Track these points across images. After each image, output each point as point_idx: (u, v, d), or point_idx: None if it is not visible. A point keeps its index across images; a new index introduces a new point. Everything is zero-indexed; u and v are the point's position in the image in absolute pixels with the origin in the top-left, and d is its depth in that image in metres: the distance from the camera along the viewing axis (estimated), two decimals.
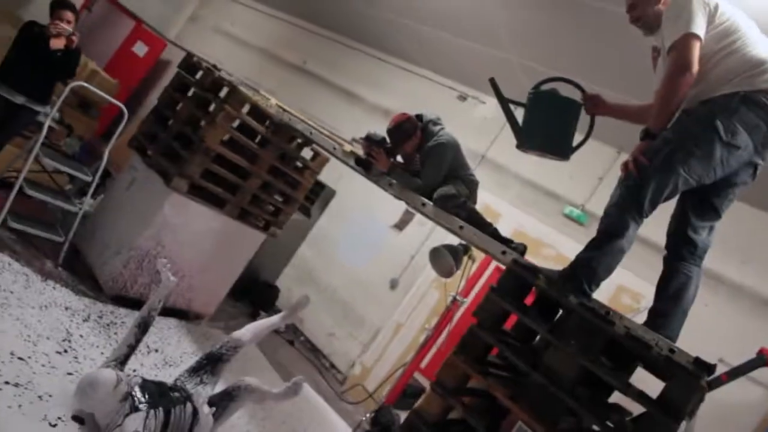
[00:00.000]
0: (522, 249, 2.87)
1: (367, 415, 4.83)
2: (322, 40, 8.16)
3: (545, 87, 2.78)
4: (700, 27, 2.12)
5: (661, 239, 4.32)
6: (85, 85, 4.16)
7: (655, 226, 2.67)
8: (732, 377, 2.90)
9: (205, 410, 2.26)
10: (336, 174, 6.45)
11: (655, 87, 2.47)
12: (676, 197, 2.38)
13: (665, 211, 2.42)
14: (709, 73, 2.18)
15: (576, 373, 2.03)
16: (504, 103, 2.90)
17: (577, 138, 2.81)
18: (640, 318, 2.38)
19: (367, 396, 5.20)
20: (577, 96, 2.79)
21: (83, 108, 6.85)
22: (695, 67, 2.11)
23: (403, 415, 4.97)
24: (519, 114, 2.84)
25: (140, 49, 9.37)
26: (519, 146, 2.87)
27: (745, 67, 2.14)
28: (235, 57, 8.89)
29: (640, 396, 1.97)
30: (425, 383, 5.50)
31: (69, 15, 4.00)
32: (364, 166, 3.47)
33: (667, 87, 2.17)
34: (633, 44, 3.83)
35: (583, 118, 2.79)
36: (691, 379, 1.86)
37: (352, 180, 6.35)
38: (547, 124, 2.76)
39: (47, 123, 3.89)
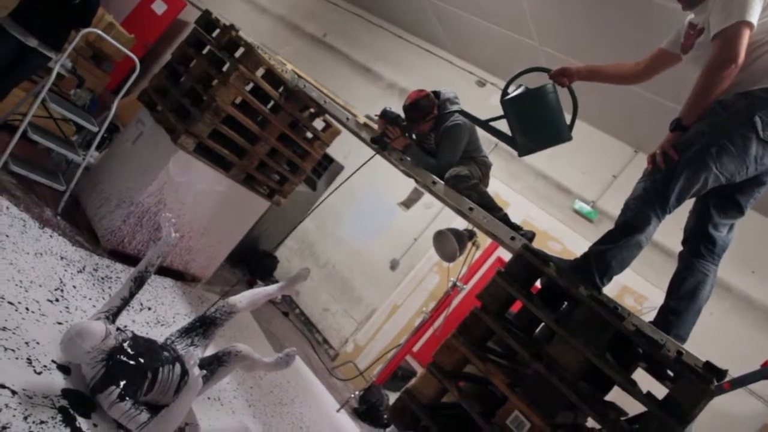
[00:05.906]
0: (530, 236, 2.79)
1: (356, 392, 4.80)
2: (344, 13, 8.01)
3: (511, 89, 2.73)
4: (754, 14, 1.96)
5: (669, 242, 4.26)
6: (99, 32, 4.04)
7: (665, 229, 2.58)
8: (735, 386, 2.83)
9: (196, 372, 2.20)
10: (345, 150, 6.37)
11: (684, 63, 2.34)
12: None
13: (676, 214, 2.32)
14: (752, 63, 2.03)
15: (579, 367, 1.95)
16: (484, 125, 2.90)
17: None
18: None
19: (358, 374, 5.17)
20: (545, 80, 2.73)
21: (96, 60, 6.76)
22: (741, 59, 1.96)
23: (392, 396, 4.96)
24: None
25: (159, 7, 9.26)
26: (520, 155, 2.85)
27: None
28: (252, 22, 8.75)
29: (645, 396, 1.89)
30: (417, 367, 5.47)
31: None
32: (379, 143, 3.36)
33: (708, 78, 2.02)
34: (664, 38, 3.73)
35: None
36: (701, 383, 1.78)
37: (362, 157, 6.26)
38: (532, 122, 2.73)
39: (56, 68, 3.79)
